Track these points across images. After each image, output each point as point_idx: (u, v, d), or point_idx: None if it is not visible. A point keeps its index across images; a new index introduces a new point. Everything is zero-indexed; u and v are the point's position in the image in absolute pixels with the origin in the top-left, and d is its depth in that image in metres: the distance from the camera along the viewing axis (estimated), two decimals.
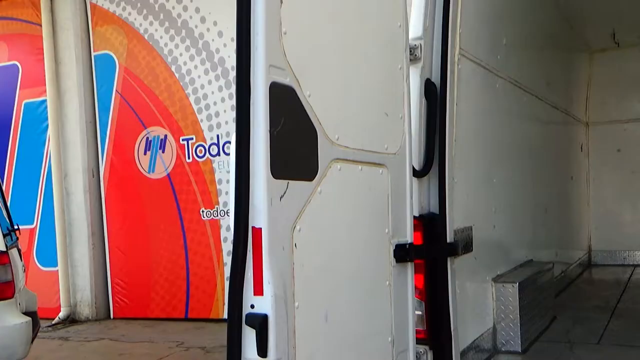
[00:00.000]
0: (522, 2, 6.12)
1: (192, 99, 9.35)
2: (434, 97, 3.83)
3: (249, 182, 2.41)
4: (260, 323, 2.38)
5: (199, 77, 9.34)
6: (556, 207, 7.76)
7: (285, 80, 2.55)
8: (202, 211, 9.31)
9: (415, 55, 3.78)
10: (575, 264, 8.79)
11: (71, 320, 9.67)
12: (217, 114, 9.23)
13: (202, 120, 9.35)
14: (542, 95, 6.90)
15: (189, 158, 9.37)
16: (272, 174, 2.44)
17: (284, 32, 2.53)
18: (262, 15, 2.42)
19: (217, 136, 9.21)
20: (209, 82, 9.24)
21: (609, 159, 10.05)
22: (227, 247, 8.94)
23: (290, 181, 2.55)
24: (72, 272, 9.80)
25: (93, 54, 9.89)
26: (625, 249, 9.92)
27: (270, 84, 2.45)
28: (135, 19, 9.57)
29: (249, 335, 2.40)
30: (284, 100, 2.54)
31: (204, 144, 9.38)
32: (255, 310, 2.41)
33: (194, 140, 9.43)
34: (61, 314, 9.68)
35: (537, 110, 6.72)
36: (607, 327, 5.71)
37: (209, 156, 9.27)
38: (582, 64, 9.96)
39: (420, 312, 3.79)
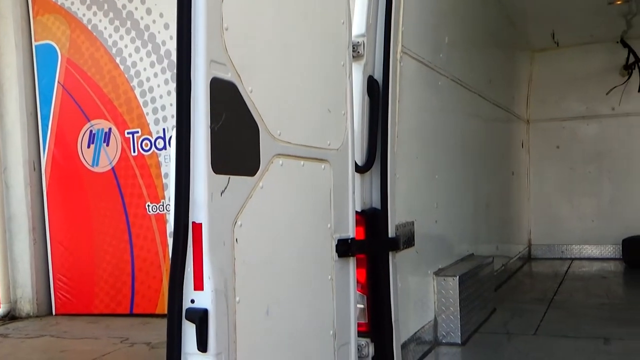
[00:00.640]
0: (465, 1, 6.25)
1: (137, 91, 9.20)
2: (377, 94, 3.89)
3: (189, 177, 2.41)
4: (200, 318, 2.39)
5: (145, 69, 9.19)
6: (497, 202, 7.96)
7: (227, 75, 2.55)
8: (148, 205, 9.19)
9: (358, 52, 3.83)
10: (516, 258, 9.04)
11: (11, 317, 9.42)
12: (163, 107, 9.10)
13: (147, 114, 9.21)
14: (485, 93, 7.07)
15: (134, 151, 9.22)
16: (212, 169, 2.44)
17: (225, 28, 2.53)
18: (203, 11, 2.42)
19: (164, 130, 9.09)
20: (155, 75, 9.10)
21: (548, 156, 10.36)
22: None
23: (231, 176, 2.55)
24: (12, 267, 9.54)
25: (34, 43, 9.62)
26: (563, 242, 10.25)
27: (211, 80, 2.45)
28: (78, 9, 9.35)
29: (189, 330, 2.41)
30: (225, 95, 2.54)
31: (149, 137, 9.24)
32: (195, 305, 2.42)
33: (139, 134, 9.28)
34: (0, 311, 9.42)
35: (479, 108, 6.88)
36: (543, 318, 5.91)
37: (155, 150, 9.15)
38: (524, 63, 10.23)
39: (362, 306, 3.86)
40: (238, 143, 2.65)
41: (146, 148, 9.24)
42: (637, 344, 4.96)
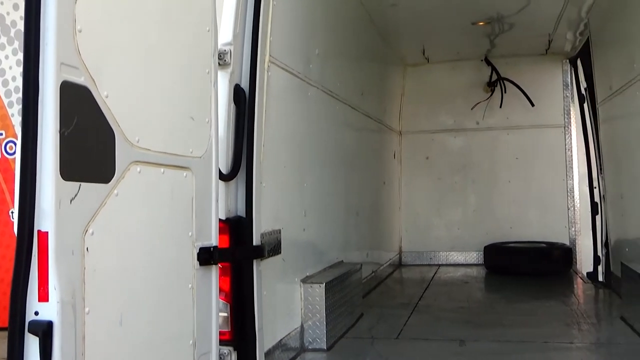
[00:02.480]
0: (337, 15, 6.42)
1: (1, 91, 8.70)
2: (243, 102, 3.92)
3: (35, 183, 2.31)
4: (44, 330, 2.29)
5: (10, 68, 8.71)
6: (368, 210, 8.20)
7: (80, 79, 2.48)
8: (12, 212, 8.69)
9: (225, 60, 3.84)
10: (386, 264, 9.34)
11: None
12: None
13: (12, 115, 8.71)
14: (356, 104, 7.28)
15: None
16: (61, 175, 2.36)
17: (78, 30, 2.46)
18: (53, 11, 2.33)
19: None
20: (21, 75, 8.65)
21: (418, 166, 10.79)
22: None
23: (82, 183, 2.48)
24: None
25: None
26: (431, 249, 10.71)
27: (62, 83, 2.37)
28: None
29: (32, 344, 2.31)
30: (77, 100, 2.46)
31: (14, 140, 8.75)
32: (39, 317, 2.32)
33: (3, 136, 8.76)
34: None
35: (350, 119, 7.07)
36: (407, 322, 6.15)
37: None
38: (396, 77, 10.62)
39: (225, 314, 3.86)
40: (91, 149, 2.57)
41: (10, 151, 8.74)
42: (489, 345, 5.28)
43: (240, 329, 3.86)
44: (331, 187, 6.21)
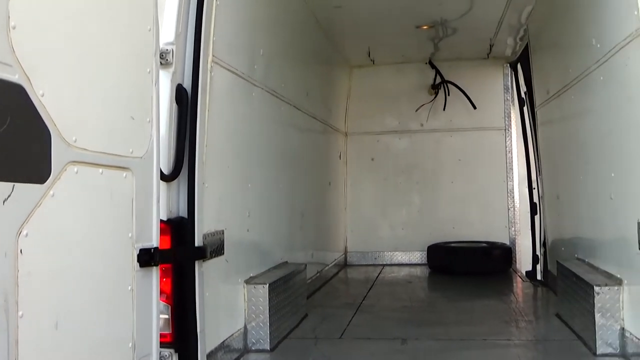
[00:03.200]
0: (281, 15, 6.43)
1: None
2: (185, 102, 3.89)
3: None
4: None
5: None
6: (313, 211, 8.23)
7: (14, 77, 2.41)
8: None
9: (167, 60, 3.81)
10: (331, 265, 9.40)
11: None
12: None
13: None
14: (302, 105, 7.30)
15: None
16: None
17: (12, 27, 2.40)
18: None
19: None
20: None
21: (364, 167, 10.90)
22: None
23: (16, 184, 2.42)
24: None
25: None
26: (376, 249, 10.82)
27: None
28: None
29: None
30: (11, 98, 2.40)
31: None
32: None
33: None
34: None
35: (295, 120, 7.09)
36: (350, 322, 6.20)
37: None
38: (342, 78, 10.70)
39: (166, 316, 3.82)
40: (25, 149, 2.51)
41: None
42: (431, 344, 5.38)
43: (181, 331, 3.83)
44: (276, 188, 6.21)
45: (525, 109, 9.22)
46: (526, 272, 9.00)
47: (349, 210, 10.84)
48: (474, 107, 10.45)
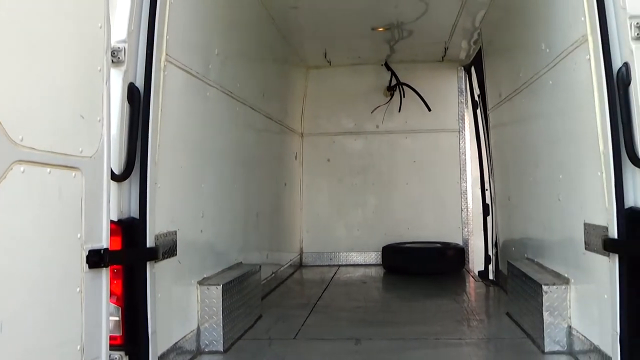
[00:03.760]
0: (237, 15, 6.40)
1: None
2: (137, 101, 3.84)
3: None
4: None
5: None
6: (269, 211, 8.21)
7: None
8: None
9: (119, 58, 3.75)
10: (287, 265, 9.39)
11: None
12: None
13: None
14: (257, 106, 7.27)
15: None
16: None
17: None
18: None
19: None
20: None
21: (320, 168, 10.93)
22: None
23: None
24: None
25: None
26: (332, 250, 10.86)
27: None
28: None
29: None
30: None
31: None
32: None
33: None
34: None
35: (251, 120, 7.06)
36: (305, 322, 6.21)
37: None
38: (299, 79, 10.70)
39: (117, 318, 3.77)
40: None
41: None
42: (384, 343, 5.42)
43: (132, 333, 3.78)
44: (230, 188, 6.18)
45: (478, 111, 9.38)
46: (479, 272, 9.16)
47: (304, 210, 10.85)
48: (429, 109, 10.57)
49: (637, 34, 3.58)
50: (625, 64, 3.68)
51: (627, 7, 3.66)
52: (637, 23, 3.56)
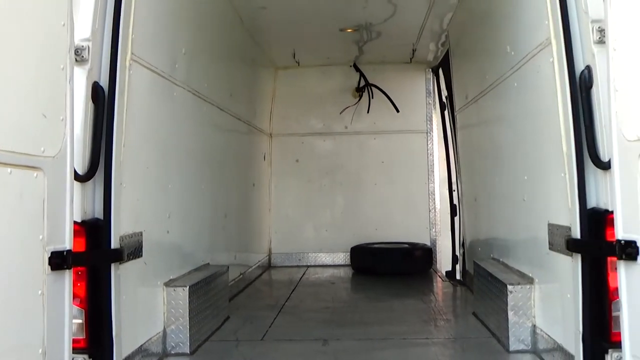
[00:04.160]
0: (205, 14, 6.35)
1: None
2: (102, 101, 3.78)
3: None
4: None
5: None
6: (237, 212, 8.18)
7: None
8: None
9: (83, 56, 3.70)
10: (255, 266, 9.35)
11: None
12: None
13: None
14: (225, 106, 7.23)
15: None
16: None
17: None
18: None
19: None
20: None
21: (288, 169, 10.91)
22: None
23: None
24: None
25: None
26: (300, 251, 10.85)
27: None
28: None
29: None
30: None
31: None
32: None
33: None
34: None
35: (219, 121, 7.01)
36: (272, 324, 6.20)
37: None
38: (267, 79, 10.67)
39: (80, 321, 3.71)
40: None
41: None
42: (351, 344, 5.44)
43: (96, 336, 3.72)
44: (198, 189, 6.13)
45: (446, 112, 9.47)
46: (446, 272, 9.24)
47: (273, 211, 10.83)
48: (397, 111, 10.64)
49: (599, 38, 3.64)
50: (588, 67, 3.75)
51: (589, 11, 3.72)
52: (599, 27, 3.62)
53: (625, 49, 3.06)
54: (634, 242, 3.00)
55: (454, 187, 9.22)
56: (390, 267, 9.51)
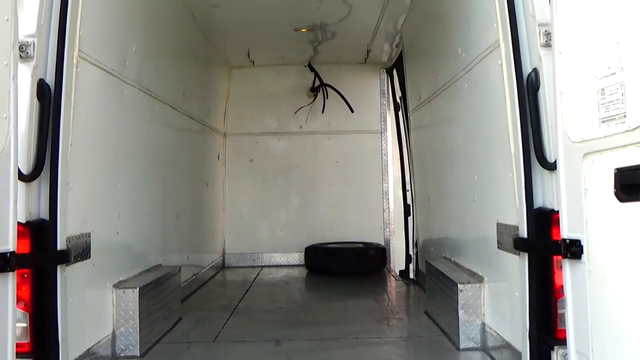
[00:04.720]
0: (156, 12, 6.26)
1: None
2: (48, 98, 3.69)
3: None
4: None
5: None
6: (190, 212, 8.08)
7: None
8: None
9: (27, 53, 3.61)
10: (208, 267, 9.27)
11: None
12: None
13: None
14: (177, 105, 7.14)
15: None
16: None
17: None
18: None
19: None
20: None
21: (243, 168, 10.85)
22: None
23: None
24: None
25: None
26: (255, 251, 10.81)
27: None
28: None
29: None
30: None
31: None
32: None
33: None
34: None
35: (170, 120, 6.92)
36: (225, 325, 6.15)
37: None
38: (222, 79, 10.59)
39: (24, 324, 3.61)
40: None
41: None
42: (304, 344, 5.43)
43: (41, 340, 3.63)
44: (148, 189, 6.03)
45: (400, 113, 9.56)
46: (400, 271, 9.32)
47: (227, 211, 10.76)
48: (352, 111, 10.68)
49: (546, 41, 3.72)
50: (535, 70, 3.83)
51: (536, 15, 3.80)
52: (546, 30, 3.70)
53: (570, 52, 3.13)
54: (579, 241, 3.07)
55: (408, 187, 9.32)
56: (345, 267, 9.54)
